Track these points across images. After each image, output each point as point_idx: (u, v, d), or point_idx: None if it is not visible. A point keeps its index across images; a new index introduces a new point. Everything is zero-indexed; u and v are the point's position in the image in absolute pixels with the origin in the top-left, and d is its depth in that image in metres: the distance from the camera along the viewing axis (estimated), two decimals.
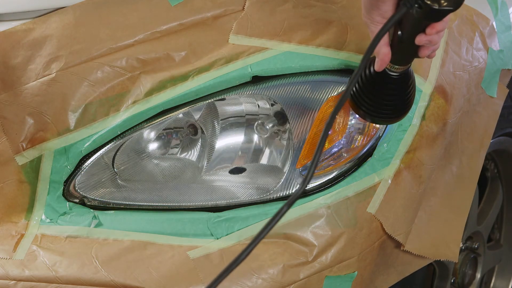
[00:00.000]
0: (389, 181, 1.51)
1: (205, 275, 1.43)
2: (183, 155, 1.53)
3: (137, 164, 1.51)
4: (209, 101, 1.49)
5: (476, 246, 2.15)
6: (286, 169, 1.50)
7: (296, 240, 1.46)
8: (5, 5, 1.48)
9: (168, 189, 1.51)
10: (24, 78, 1.46)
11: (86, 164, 1.48)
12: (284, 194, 1.49)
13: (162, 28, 1.49)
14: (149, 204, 1.50)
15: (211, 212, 1.48)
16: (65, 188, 1.49)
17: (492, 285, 2.36)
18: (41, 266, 1.45)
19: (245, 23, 1.50)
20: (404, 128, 1.53)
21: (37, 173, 1.48)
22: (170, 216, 1.48)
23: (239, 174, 1.53)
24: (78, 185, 1.49)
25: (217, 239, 1.46)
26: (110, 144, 1.48)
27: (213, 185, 1.52)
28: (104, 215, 1.49)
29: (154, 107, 1.47)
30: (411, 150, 1.53)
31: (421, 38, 1.26)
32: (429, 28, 1.24)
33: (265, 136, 1.52)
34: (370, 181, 1.50)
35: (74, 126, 1.46)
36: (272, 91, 1.49)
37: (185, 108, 1.49)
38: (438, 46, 1.30)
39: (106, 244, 1.46)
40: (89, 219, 1.49)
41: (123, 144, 1.49)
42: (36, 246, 1.47)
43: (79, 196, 1.50)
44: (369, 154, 1.53)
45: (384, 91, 1.38)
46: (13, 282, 1.45)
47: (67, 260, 1.45)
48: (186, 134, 1.52)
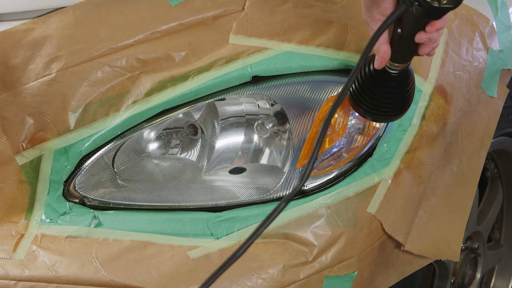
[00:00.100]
0: (389, 181, 1.50)
1: (205, 275, 1.43)
2: (183, 155, 1.52)
3: (137, 164, 1.51)
4: (209, 101, 1.49)
5: (476, 246, 2.15)
6: (286, 169, 1.50)
7: (296, 240, 1.45)
8: (5, 5, 1.48)
9: (168, 189, 1.51)
10: (24, 78, 1.46)
11: (86, 164, 1.48)
12: (284, 194, 1.49)
13: (162, 28, 1.49)
14: (149, 204, 1.50)
15: (211, 212, 1.48)
16: (65, 188, 1.49)
17: (492, 285, 2.36)
18: (41, 266, 1.45)
19: (245, 23, 1.50)
20: (404, 128, 1.53)
21: (37, 173, 1.48)
22: (170, 216, 1.48)
23: (239, 174, 1.53)
24: (78, 185, 1.49)
25: (217, 239, 1.46)
26: (110, 144, 1.48)
27: (213, 185, 1.52)
28: (104, 215, 1.49)
29: (154, 107, 1.47)
30: (411, 150, 1.53)
31: (420, 36, 1.26)
32: (429, 26, 1.25)
33: (265, 136, 1.52)
34: (370, 181, 1.50)
35: (74, 126, 1.46)
36: (272, 91, 1.49)
37: (185, 108, 1.48)
38: (438, 44, 1.30)
39: (106, 244, 1.46)
40: (89, 219, 1.49)
41: (123, 144, 1.49)
42: (36, 246, 1.47)
43: (79, 196, 1.50)
44: (369, 154, 1.53)
45: (383, 89, 1.38)
46: (13, 282, 1.45)
47: (67, 260, 1.45)
48: (186, 134, 1.52)
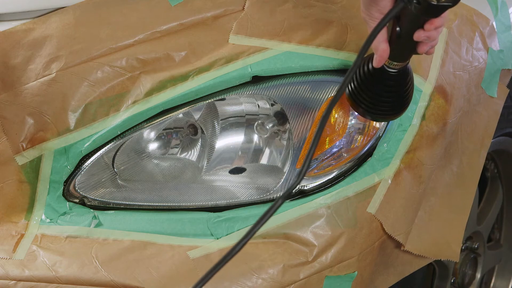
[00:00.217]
0: (389, 181, 1.50)
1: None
2: (183, 155, 1.52)
3: (137, 164, 1.51)
4: (209, 101, 1.49)
5: (476, 246, 2.15)
6: (286, 169, 1.50)
7: (296, 240, 1.45)
8: (5, 5, 1.48)
9: (168, 189, 1.51)
10: (24, 78, 1.46)
11: (86, 164, 1.48)
12: None
13: (162, 28, 1.49)
14: (149, 204, 1.50)
15: (211, 212, 1.48)
16: (65, 188, 1.49)
17: (492, 285, 2.36)
18: (41, 266, 1.45)
19: (245, 23, 1.50)
20: (404, 128, 1.53)
21: (37, 173, 1.48)
22: (170, 216, 1.48)
23: (239, 174, 1.53)
24: (78, 185, 1.49)
25: (217, 239, 1.46)
26: (110, 144, 1.48)
27: (213, 185, 1.52)
28: (104, 215, 1.49)
29: (154, 107, 1.47)
30: (411, 150, 1.53)
31: (419, 34, 1.26)
32: (428, 24, 1.24)
33: (265, 136, 1.52)
34: (370, 181, 1.50)
35: (74, 126, 1.46)
36: (272, 91, 1.49)
37: (185, 108, 1.48)
38: (437, 42, 1.30)
39: (106, 244, 1.46)
40: (89, 219, 1.49)
41: (123, 144, 1.49)
42: (36, 246, 1.47)
43: (79, 196, 1.50)
44: (369, 154, 1.53)
45: (382, 87, 1.38)
46: (13, 282, 1.45)
47: (67, 260, 1.45)
48: (186, 134, 1.52)
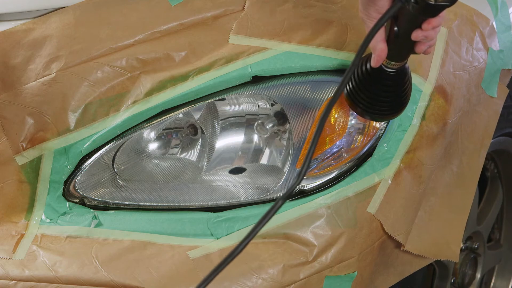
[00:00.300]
0: (389, 181, 1.50)
1: (205, 275, 1.42)
2: (183, 155, 1.52)
3: (137, 164, 1.51)
4: (209, 101, 1.49)
5: (476, 246, 2.15)
6: (286, 169, 1.50)
7: (296, 240, 1.45)
8: (5, 5, 1.48)
9: (168, 189, 1.51)
10: (24, 78, 1.46)
11: (86, 164, 1.48)
12: None
13: (162, 28, 1.49)
14: (149, 204, 1.50)
15: (211, 212, 1.48)
16: (65, 188, 1.49)
17: (492, 285, 2.36)
18: (41, 266, 1.45)
19: (245, 23, 1.50)
20: (404, 128, 1.53)
21: (37, 173, 1.48)
22: (170, 216, 1.48)
23: (239, 174, 1.53)
24: (78, 185, 1.49)
25: (217, 239, 1.46)
26: (110, 144, 1.48)
27: (213, 185, 1.52)
28: (104, 215, 1.49)
29: (154, 107, 1.47)
30: (411, 150, 1.53)
31: (417, 34, 1.26)
32: (425, 24, 1.24)
33: (265, 136, 1.52)
34: (370, 181, 1.50)
35: (74, 126, 1.46)
36: (272, 91, 1.49)
37: (185, 108, 1.48)
38: (435, 42, 1.30)
39: (106, 244, 1.46)
40: (89, 219, 1.48)
41: (123, 144, 1.49)
42: (36, 246, 1.47)
43: (79, 196, 1.50)
44: (369, 154, 1.53)
45: (380, 87, 1.38)
46: (13, 282, 1.45)
47: (67, 260, 1.45)
48: (186, 134, 1.52)
